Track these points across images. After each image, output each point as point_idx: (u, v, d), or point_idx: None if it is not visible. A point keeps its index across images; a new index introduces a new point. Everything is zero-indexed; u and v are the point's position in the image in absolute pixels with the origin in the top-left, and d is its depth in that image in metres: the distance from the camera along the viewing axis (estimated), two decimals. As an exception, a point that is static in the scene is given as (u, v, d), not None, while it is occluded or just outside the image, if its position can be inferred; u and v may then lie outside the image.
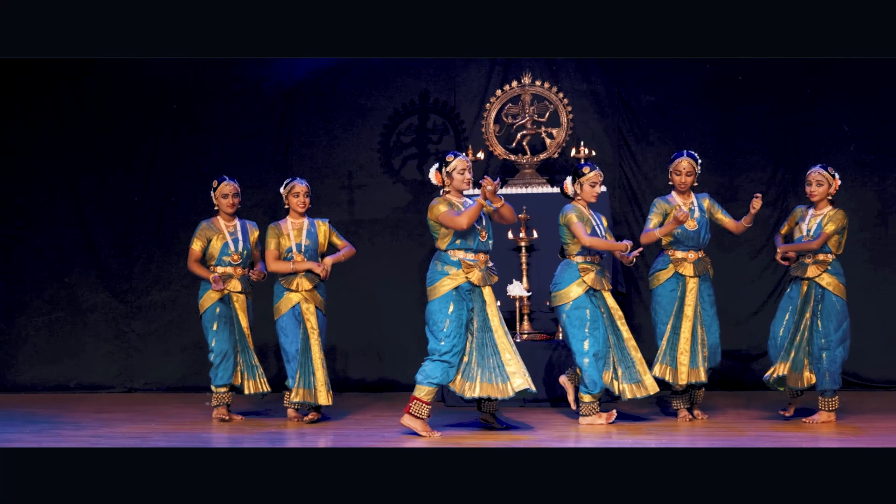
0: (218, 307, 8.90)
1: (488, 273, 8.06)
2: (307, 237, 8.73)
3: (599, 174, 8.45)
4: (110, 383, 11.61)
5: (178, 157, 11.74)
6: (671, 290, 8.50)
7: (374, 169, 11.46)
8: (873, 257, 10.97)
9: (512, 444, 7.31)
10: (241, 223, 9.08)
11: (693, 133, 11.09)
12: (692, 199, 8.57)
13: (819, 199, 8.42)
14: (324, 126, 11.64)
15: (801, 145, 11.02)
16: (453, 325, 7.94)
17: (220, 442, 7.68)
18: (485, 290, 8.05)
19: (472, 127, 11.35)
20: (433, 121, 11.50)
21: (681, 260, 8.51)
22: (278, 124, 11.67)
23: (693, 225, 8.48)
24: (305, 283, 8.66)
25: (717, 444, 7.09)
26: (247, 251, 8.99)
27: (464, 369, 7.99)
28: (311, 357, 8.62)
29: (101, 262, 11.72)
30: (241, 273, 8.95)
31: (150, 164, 11.74)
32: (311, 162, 11.59)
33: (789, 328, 8.41)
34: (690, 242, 8.49)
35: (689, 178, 8.50)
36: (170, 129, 11.76)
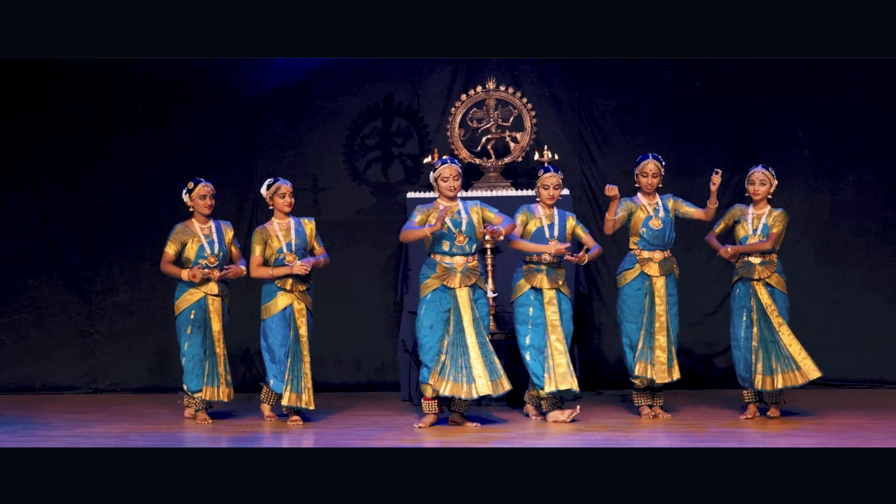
0: (193, 311, 8.80)
1: (467, 275, 8.29)
2: (296, 236, 8.74)
3: (553, 176, 8.65)
4: (75, 384, 11.59)
5: (143, 158, 11.74)
6: (637, 289, 8.69)
7: (338, 171, 11.52)
8: (825, 260, 11.22)
9: (480, 444, 7.41)
10: (216, 224, 9.02)
11: (652, 137, 11.27)
12: (657, 200, 8.77)
13: (761, 198, 8.69)
14: (288, 129, 11.69)
15: (757, 149, 11.22)
16: (425, 326, 8.29)
17: (201, 442, 7.75)
18: (459, 292, 8.28)
19: (435, 130, 11.45)
20: (397, 124, 11.60)
21: (647, 260, 8.70)
22: (243, 126, 11.70)
23: (658, 224, 8.68)
24: (300, 284, 8.69)
25: (699, 444, 7.26)
26: (223, 253, 8.92)
27: (440, 368, 8.19)
28: (301, 360, 8.63)
29: (66, 263, 11.71)
30: (219, 275, 8.89)
31: (115, 165, 11.71)
32: (276, 164, 11.60)
33: (750, 330, 8.64)
34: (656, 242, 8.70)
35: (655, 179, 8.72)
36: (134, 131, 11.75)
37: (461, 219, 8.37)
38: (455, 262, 8.32)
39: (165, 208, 11.46)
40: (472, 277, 8.34)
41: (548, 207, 8.71)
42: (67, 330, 11.72)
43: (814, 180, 11.28)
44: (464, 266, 8.32)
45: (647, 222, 8.70)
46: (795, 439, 7.41)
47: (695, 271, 10.38)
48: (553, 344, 8.51)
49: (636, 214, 8.72)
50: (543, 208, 8.71)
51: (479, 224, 8.41)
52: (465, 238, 8.34)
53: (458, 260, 8.33)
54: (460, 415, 8.39)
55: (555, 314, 8.57)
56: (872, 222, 11.25)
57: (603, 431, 7.95)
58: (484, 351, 8.23)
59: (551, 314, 8.57)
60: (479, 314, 8.34)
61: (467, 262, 8.35)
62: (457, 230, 8.32)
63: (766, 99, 11.34)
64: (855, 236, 11.26)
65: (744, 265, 8.71)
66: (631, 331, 8.70)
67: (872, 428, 7.91)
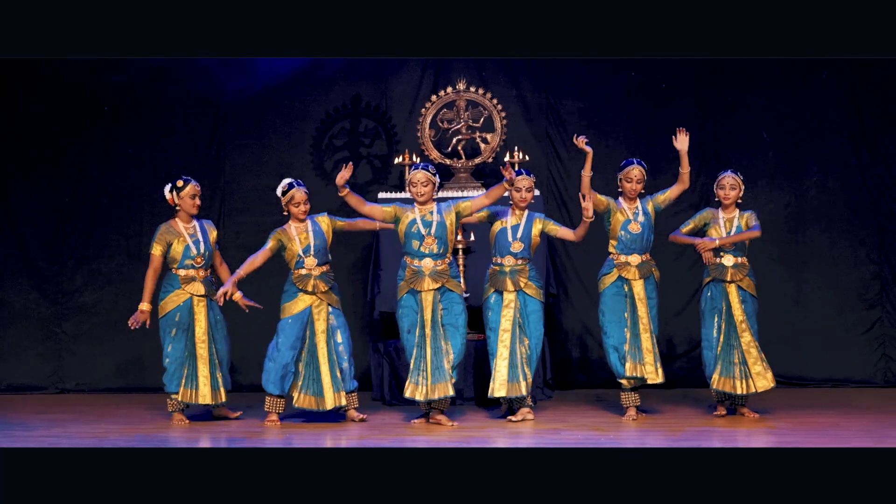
0: (178, 313, 8.78)
1: (435, 278, 8.38)
2: (314, 237, 8.72)
3: (525, 179, 8.71)
4: (42, 384, 11.50)
5: (110, 157, 11.66)
6: (614, 293, 8.76)
7: (305, 171, 11.43)
8: (788, 260, 11.33)
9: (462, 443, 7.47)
10: (199, 223, 8.97)
11: (618, 139, 11.37)
12: (637, 204, 8.82)
13: (731, 202, 8.82)
14: (256, 128, 11.66)
15: (723, 151, 11.35)
16: (403, 330, 8.48)
17: (176, 443, 7.73)
18: (425, 295, 8.38)
19: (403, 130, 11.46)
20: (365, 124, 11.59)
21: (624, 263, 8.75)
22: (210, 126, 11.65)
23: (636, 228, 8.75)
24: (321, 285, 8.65)
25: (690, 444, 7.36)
26: (208, 252, 8.89)
27: (416, 373, 8.33)
28: (317, 361, 8.60)
29: (31, 263, 11.61)
30: (205, 275, 8.87)
31: (82, 164, 11.63)
32: (243, 164, 11.61)
33: (720, 331, 8.75)
34: (634, 245, 8.76)
35: (640, 185, 8.80)
36: (101, 130, 11.66)
37: (432, 220, 8.43)
38: (423, 265, 8.42)
39: (133, 208, 11.51)
40: (439, 280, 8.41)
41: (519, 209, 8.73)
42: (34, 330, 11.62)
43: (777, 182, 11.39)
44: (432, 269, 8.40)
45: (627, 226, 8.77)
46: (775, 438, 7.49)
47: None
48: (500, 349, 8.56)
49: (615, 217, 8.78)
50: (514, 211, 8.74)
51: (451, 226, 8.46)
52: (434, 240, 8.41)
53: (426, 263, 8.42)
54: (440, 412, 8.45)
55: (508, 320, 8.57)
56: (835, 223, 11.37)
57: (583, 431, 8.04)
58: (443, 351, 8.35)
59: (506, 319, 8.58)
60: (445, 317, 8.43)
61: (436, 266, 8.42)
62: (426, 231, 8.39)
63: (731, 101, 11.46)
64: (818, 237, 11.38)
65: (716, 267, 8.81)
66: (613, 331, 8.73)
67: (847, 426, 8.02)
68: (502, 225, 8.69)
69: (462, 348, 8.49)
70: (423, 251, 8.41)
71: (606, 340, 8.78)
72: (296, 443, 7.62)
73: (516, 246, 8.66)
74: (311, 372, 8.61)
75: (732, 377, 8.65)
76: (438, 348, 8.33)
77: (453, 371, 8.34)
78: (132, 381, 11.35)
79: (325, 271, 8.71)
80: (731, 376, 8.65)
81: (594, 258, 9.44)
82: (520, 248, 8.67)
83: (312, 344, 8.63)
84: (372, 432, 8.08)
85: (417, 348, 8.36)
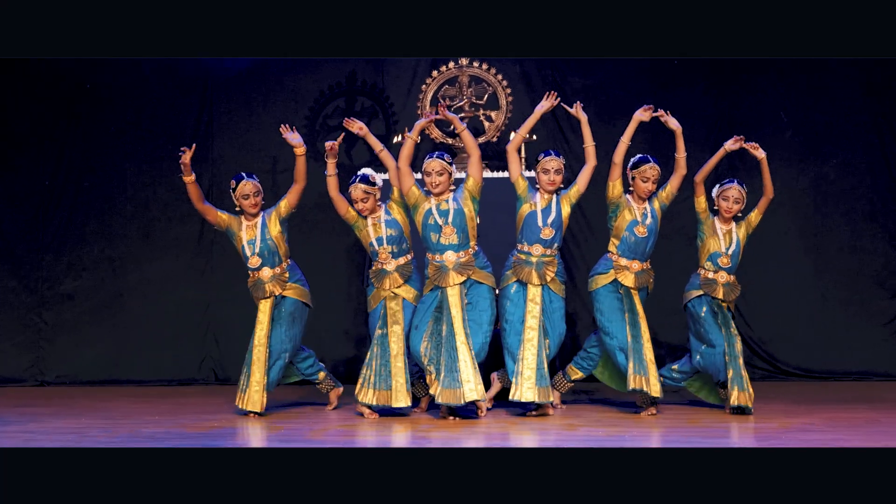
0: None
1: (458, 271, 7.91)
2: (386, 227, 8.28)
3: (553, 160, 8.18)
4: (20, 377, 10.98)
5: (92, 138, 11.14)
6: (610, 291, 8.25)
7: None
8: (809, 246, 10.92)
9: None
10: (263, 218, 8.47)
11: (627, 117, 10.78)
12: (646, 206, 8.31)
13: (732, 216, 8.34)
14: (246, 108, 11.17)
15: (738, 131, 10.43)
16: (419, 330, 7.96)
17: (161, 441, 7.22)
18: (449, 291, 7.92)
19: (402, 109, 10.98)
20: (361, 103, 11.09)
21: (623, 268, 8.24)
22: (198, 107, 11.14)
23: (643, 232, 8.23)
24: (395, 279, 8.18)
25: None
26: (267, 250, 8.38)
27: (436, 374, 7.82)
28: (388, 357, 8.09)
29: (9, 249, 11.09)
30: (271, 274, 8.41)
31: (62, 145, 11.10)
32: (233, 146, 11.12)
33: (723, 344, 8.20)
34: (638, 250, 8.24)
35: (655, 186, 8.27)
36: (84, 110, 11.14)
37: (448, 208, 7.98)
38: (446, 259, 7.97)
39: (116, 190, 11.06)
40: (465, 272, 7.97)
41: (547, 193, 8.20)
42: (11, 319, 11.10)
43: (796, 164, 10.94)
44: (455, 262, 7.95)
45: (633, 227, 8.23)
46: (820, 436, 7.01)
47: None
48: (526, 348, 8.01)
49: (622, 214, 8.26)
50: (542, 195, 8.20)
51: (470, 213, 8.00)
52: (453, 230, 7.94)
53: (448, 256, 7.97)
54: (448, 408, 7.93)
55: (535, 318, 8.06)
56: (858, 205, 10.95)
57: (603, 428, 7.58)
58: (471, 353, 7.86)
59: (532, 315, 8.07)
60: (469, 312, 7.97)
61: (459, 258, 7.96)
62: (443, 220, 7.94)
63: (746, 79, 10.97)
64: (840, 221, 10.96)
65: (706, 282, 8.32)
66: (617, 331, 8.19)
67: (889, 423, 7.62)
68: (531, 208, 8.14)
69: (482, 347, 8.00)
70: (444, 243, 7.96)
71: (610, 342, 8.23)
72: (297, 439, 7.11)
73: (546, 233, 8.11)
74: (380, 368, 8.17)
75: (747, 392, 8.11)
76: (465, 350, 7.80)
77: (463, 384, 7.77)
78: (116, 372, 10.90)
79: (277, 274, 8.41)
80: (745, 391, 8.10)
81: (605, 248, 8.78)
82: (550, 234, 8.13)
83: (384, 341, 8.21)
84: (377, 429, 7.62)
85: (443, 350, 7.83)
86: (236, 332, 10.19)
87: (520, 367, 7.97)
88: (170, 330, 10.89)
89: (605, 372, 8.54)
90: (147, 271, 11.02)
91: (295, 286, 8.43)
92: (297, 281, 8.47)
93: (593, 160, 8.19)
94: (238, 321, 10.08)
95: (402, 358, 8.06)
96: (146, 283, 11.01)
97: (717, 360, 8.16)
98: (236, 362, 10.07)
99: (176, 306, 10.91)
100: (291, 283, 8.42)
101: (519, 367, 7.97)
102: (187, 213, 10.57)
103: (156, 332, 10.91)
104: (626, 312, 8.18)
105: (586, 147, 8.20)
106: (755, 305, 10.75)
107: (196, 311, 10.93)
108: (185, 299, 10.93)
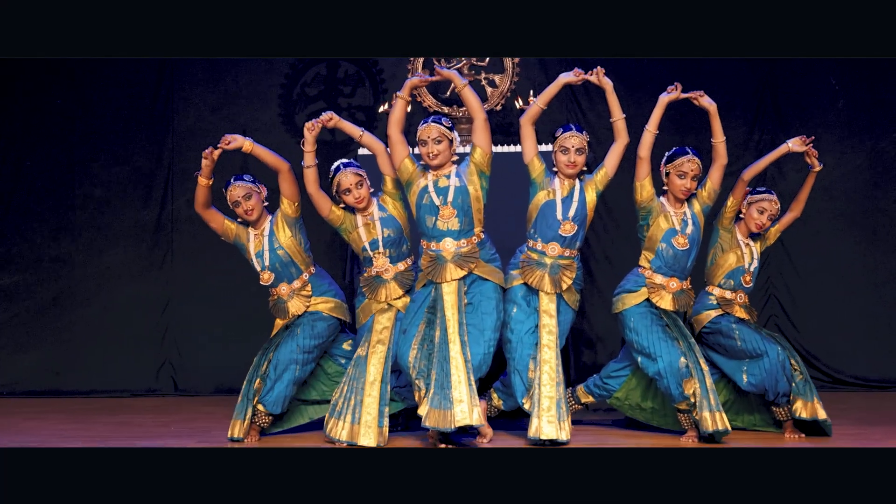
0: None
1: (457, 263, 6.63)
2: (383, 225, 6.97)
3: (574, 136, 6.82)
4: (-48, 385, 9.82)
5: (33, 111, 9.97)
6: (644, 311, 6.88)
7: (272, 127, 9.84)
8: (863, 233, 9.78)
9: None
10: (271, 224, 7.18)
11: (655, 86, 9.39)
12: (685, 209, 6.95)
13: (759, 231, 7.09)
14: (211, 75, 9.97)
15: (782, 101, 9.71)
16: (408, 334, 6.66)
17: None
18: (445, 288, 6.62)
19: (391, 76, 9.80)
20: (345, 69, 9.90)
21: (658, 287, 6.86)
22: (155, 74, 9.95)
23: (683, 244, 6.85)
24: (393, 290, 6.93)
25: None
26: (279, 262, 7.08)
27: (426, 390, 6.52)
28: (362, 384, 6.81)
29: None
30: (289, 291, 7.14)
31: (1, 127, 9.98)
32: (197, 119, 9.93)
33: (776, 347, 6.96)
34: (677, 266, 6.89)
35: (695, 183, 6.90)
36: (29, 83, 9.98)
37: (448, 184, 6.67)
38: (443, 248, 6.64)
39: (62, 173, 9.94)
40: (465, 266, 6.64)
41: (567, 178, 6.82)
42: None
43: (849, 137, 9.73)
44: (454, 252, 6.63)
45: (671, 238, 6.85)
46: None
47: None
48: (545, 377, 6.65)
49: (657, 222, 6.88)
50: (561, 180, 6.83)
51: (477, 193, 6.69)
52: (453, 212, 6.63)
53: (447, 244, 6.64)
54: (439, 433, 6.54)
55: (551, 334, 6.74)
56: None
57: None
58: (467, 367, 6.49)
59: (547, 332, 6.74)
60: (468, 315, 6.64)
61: (459, 247, 6.63)
62: (440, 200, 6.63)
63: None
64: (894, 205, 9.81)
65: (724, 302, 7.01)
66: (661, 349, 6.79)
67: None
68: (549, 196, 6.77)
69: (483, 360, 6.60)
70: (441, 228, 6.64)
71: (652, 367, 6.82)
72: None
73: (567, 228, 6.72)
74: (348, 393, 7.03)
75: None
76: (445, 358, 6.46)
77: (455, 403, 6.39)
78: (59, 382, 9.77)
79: None
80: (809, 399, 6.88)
81: (633, 246, 7.41)
82: (571, 230, 6.73)
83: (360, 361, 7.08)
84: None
85: (435, 361, 6.52)
86: (200, 335, 9.67)
87: (536, 395, 6.64)
88: (122, 332, 9.78)
89: (645, 407, 7.22)
90: (96, 265, 9.89)
91: (324, 300, 7.13)
92: (326, 293, 7.15)
93: (625, 136, 6.80)
94: (202, 321, 9.59)
95: (378, 386, 6.79)
96: (95, 279, 9.88)
97: (775, 369, 6.82)
98: (199, 370, 9.70)
99: (130, 305, 9.81)
100: (318, 296, 7.12)
101: (535, 395, 6.64)
102: (144, 197, 9.78)
103: (106, 334, 9.80)
104: (671, 329, 6.85)
105: (615, 122, 6.81)
106: (803, 305, 9.68)
107: (153, 310, 9.83)
108: (141, 296, 9.83)
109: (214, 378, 9.56)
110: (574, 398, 7.25)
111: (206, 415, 8.24)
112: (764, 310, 9.44)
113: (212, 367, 9.61)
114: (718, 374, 7.01)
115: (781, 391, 6.79)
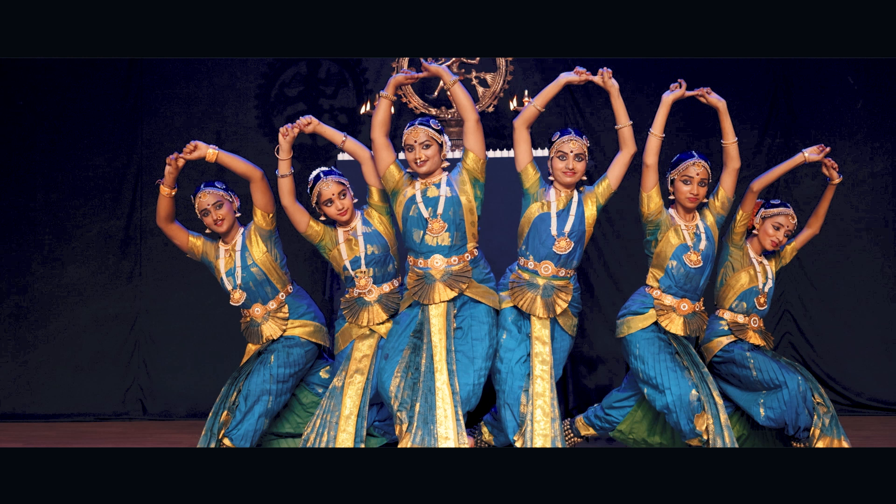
0: None
1: (447, 283, 6.12)
2: (367, 241, 6.46)
3: (573, 140, 6.27)
4: None
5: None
6: (651, 336, 6.31)
7: (248, 129, 9.49)
8: (885, 245, 9.30)
9: None
10: (243, 237, 6.67)
11: (659, 84, 8.93)
12: (697, 222, 6.41)
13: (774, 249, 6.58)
14: (183, 72, 9.60)
15: (796, 101, 9.28)
16: (390, 360, 6.21)
17: None
18: (432, 310, 6.12)
19: (376, 76, 9.41)
20: (326, 68, 9.52)
21: (668, 309, 6.31)
22: (125, 73, 9.57)
23: (696, 261, 6.30)
24: (377, 314, 6.43)
25: None
26: (252, 280, 6.59)
27: (408, 424, 6.08)
28: (337, 417, 6.35)
29: None
30: (263, 312, 6.67)
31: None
32: (168, 121, 9.54)
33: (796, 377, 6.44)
34: (689, 286, 6.33)
35: (703, 188, 6.34)
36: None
37: (438, 194, 6.16)
38: (431, 266, 6.13)
39: (23, 183, 9.52)
40: (456, 286, 6.13)
41: (564, 188, 6.28)
42: None
43: (869, 141, 9.29)
44: (444, 271, 6.11)
45: (682, 254, 6.31)
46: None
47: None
48: (539, 411, 6.13)
49: (667, 236, 6.33)
50: (558, 190, 6.29)
51: (469, 204, 6.18)
52: (443, 225, 6.12)
53: (435, 262, 6.12)
54: None
55: (545, 365, 6.19)
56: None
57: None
58: (454, 398, 6.01)
59: (541, 361, 6.19)
60: (458, 341, 6.15)
61: (449, 265, 6.11)
62: (429, 212, 6.11)
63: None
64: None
65: (737, 327, 6.52)
66: (670, 380, 6.22)
67: None
68: (543, 209, 6.23)
69: (473, 391, 6.08)
70: (430, 243, 6.14)
71: (661, 399, 6.26)
72: None
73: (562, 245, 6.17)
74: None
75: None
76: (430, 389, 5.99)
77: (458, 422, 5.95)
78: (17, 405, 9.34)
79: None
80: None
81: (638, 260, 7.04)
82: (567, 248, 6.18)
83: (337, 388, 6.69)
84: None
85: (401, 384, 6.09)
86: (171, 354, 9.30)
87: (528, 432, 6.12)
88: (87, 351, 9.41)
89: (652, 443, 6.72)
90: (60, 277, 9.50)
91: (301, 323, 6.60)
92: (304, 315, 6.61)
93: (631, 145, 6.26)
94: (173, 339, 9.26)
95: (353, 421, 6.29)
96: (58, 293, 9.48)
97: (795, 401, 6.26)
98: (169, 391, 9.38)
99: (95, 321, 9.43)
100: (295, 319, 6.59)
101: (527, 432, 6.13)
102: (111, 205, 9.38)
103: (69, 353, 9.41)
104: (681, 357, 6.31)
105: (620, 129, 6.26)
106: (819, 320, 9.22)
107: (121, 326, 9.44)
108: (107, 312, 9.46)
109: (187, 401, 9.13)
110: (573, 430, 6.72)
111: (174, 444, 7.84)
112: (777, 327, 8.97)
113: (184, 389, 9.21)
114: (732, 406, 6.45)
115: (802, 425, 6.22)
